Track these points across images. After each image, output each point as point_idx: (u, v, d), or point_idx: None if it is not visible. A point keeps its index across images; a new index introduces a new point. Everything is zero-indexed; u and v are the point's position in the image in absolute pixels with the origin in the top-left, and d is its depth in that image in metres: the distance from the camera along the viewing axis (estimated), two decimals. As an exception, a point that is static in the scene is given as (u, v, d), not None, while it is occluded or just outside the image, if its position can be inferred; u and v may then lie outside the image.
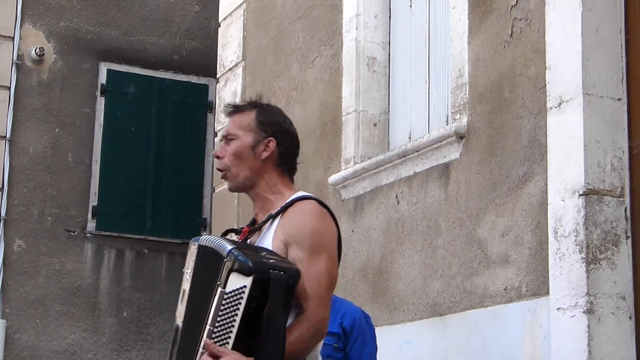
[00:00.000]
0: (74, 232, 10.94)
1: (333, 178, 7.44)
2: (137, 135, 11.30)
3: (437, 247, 6.41)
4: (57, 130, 11.01)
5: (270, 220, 3.37)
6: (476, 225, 6.12)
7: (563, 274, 5.31)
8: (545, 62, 5.63)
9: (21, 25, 11.02)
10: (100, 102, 11.25)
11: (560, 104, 5.46)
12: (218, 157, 3.49)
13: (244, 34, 8.96)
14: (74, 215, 10.95)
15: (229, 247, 3.16)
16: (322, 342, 3.33)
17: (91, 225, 10.99)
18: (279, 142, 3.50)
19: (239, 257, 3.10)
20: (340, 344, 5.46)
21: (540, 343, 5.55)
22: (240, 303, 3.07)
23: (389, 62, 7.52)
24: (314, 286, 3.24)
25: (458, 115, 6.39)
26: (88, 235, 10.96)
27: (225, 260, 3.13)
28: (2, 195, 10.66)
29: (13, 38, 10.94)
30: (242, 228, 3.48)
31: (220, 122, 9.10)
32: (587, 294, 5.17)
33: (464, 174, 6.28)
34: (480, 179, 6.15)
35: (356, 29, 7.49)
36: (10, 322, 10.47)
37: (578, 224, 5.26)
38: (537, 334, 5.59)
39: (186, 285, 3.30)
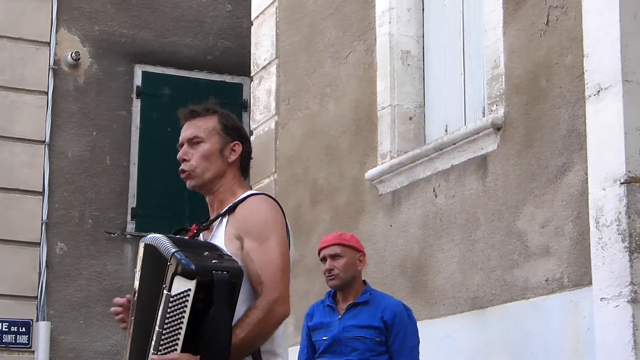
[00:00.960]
0: (114, 234, 11.00)
1: (369, 173, 7.41)
2: (173, 136, 11.23)
3: (476, 240, 6.38)
4: (94, 133, 11.07)
5: (220, 218, 3.47)
6: (515, 217, 6.08)
7: (606, 264, 5.26)
8: (582, 50, 5.57)
9: (57, 31, 11.09)
10: (136, 104, 11.29)
11: (598, 91, 5.40)
12: (184, 160, 3.60)
13: (276, 32, 8.96)
14: (113, 218, 11.01)
15: (172, 249, 3.21)
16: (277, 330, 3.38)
17: (130, 226, 11.04)
18: (243, 146, 3.62)
19: (182, 261, 3.15)
20: (381, 337, 5.46)
21: (583, 334, 5.51)
22: (186, 306, 3.12)
23: (423, 55, 7.48)
24: (266, 271, 3.31)
25: (494, 106, 6.35)
26: (128, 236, 11.02)
27: (168, 263, 3.18)
28: (43, 199, 10.73)
29: (49, 43, 11.01)
30: (189, 225, 3.57)
31: (256, 120, 9.11)
32: (631, 283, 5.12)
33: (502, 166, 6.24)
34: (518, 171, 6.10)
35: (389, 22, 7.46)
36: (54, 324, 10.55)
37: (620, 212, 5.21)
38: (580, 326, 5.54)
39: (136, 285, 3.39)
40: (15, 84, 10.80)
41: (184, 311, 3.12)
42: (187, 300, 3.12)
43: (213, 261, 3.21)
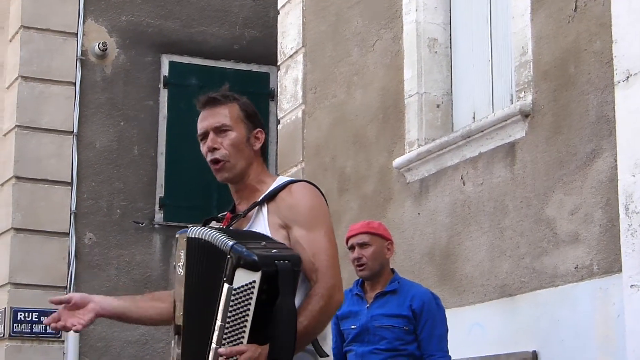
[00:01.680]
0: (142, 224, 11.04)
1: (397, 162, 7.40)
2: (201, 126, 11.34)
3: (505, 227, 6.36)
4: (122, 124, 11.11)
5: (257, 208, 3.42)
6: (544, 205, 6.06)
7: (635, 251, 5.23)
8: (611, 36, 5.54)
9: (84, 22, 11.12)
10: (164, 94, 11.32)
11: (628, 77, 5.37)
12: (215, 149, 3.51)
13: (303, 21, 8.95)
14: (141, 207, 11.05)
15: (230, 241, 3.18)
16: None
17: (159, 216, 11.08)
18: (264, 133, 3.58)
19: (244, 253, 3.12)
20: (410, 326, 5.45)
21: (613, 322, 5.48)
22: (251, 298, 3.10)
23: (450, 43, 7.46)
24: (319, 259, 3.29)
25: (522, 93, 6.32)
26: (156, 226, 11.05)
27: (228, 256, 3.14)
28: (72, 189, 10.79)
29: (76, 34, 11.05)
30: (224, 215, 3.52)
31: (283, 109, 9.11)
32: (661, 270, 5.09)
33: (530, 153, 6.22)
34: (546, 158, 6.08)
35: (416, 10, 7.44)
36: (83, 314, 10.59)
37: (649, 199, 5.18)
38: (609, 313, 5.52)
39: (179, 280, 3.32)
40: (43, 75, 10.85)
41: (249, 303, 3.10)
42: (252, 292, 3.09)
43: (273, 251, 3.18)
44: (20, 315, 10.32)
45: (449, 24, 7.47)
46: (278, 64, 9.35)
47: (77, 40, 11.04)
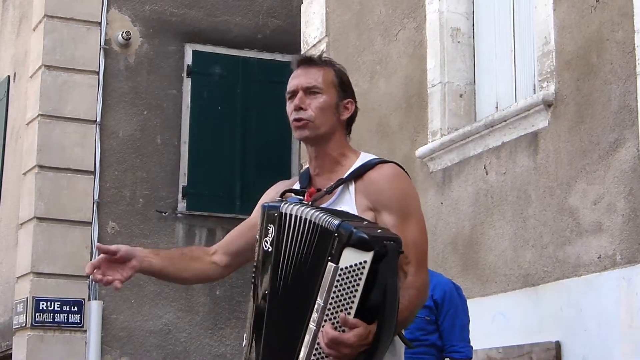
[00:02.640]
0: (165, 213, 11.07)
1: (420, 151, 7.41)
2: (223, 115, 11.38)
3: (528, 217, 6.35)
4: (145, 113, 11.13)
5: (343, 185, 3.29)
6: (567, 194, 6.05)
7: (658, 241, 5.22)
8: (633, 26, 5.52)
9: (107, 11, 11.15)
10: (187, 84, 11.34)
11: (650, 67, 5.35)
12: (300, 109, 3.37)
13: (326, 10, 8.95)
14: (164, 197, 11.08)
15: (335, 220, 3.03)
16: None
17: (182, 205, 11.10)
18: (355, 105, 3.43)
19: (355, 232, 2.98)
20: (432, 316, 5.45)
21: (637, 311, 5.48)
22: (360, 278, 2.97)
23: (473, 33, 7.45)
24: (412, 251, 3.19)
25: (545, 83, 6.31)
26: (179, 215, 11.08)
27: (335, 234, 3.00)
28: (95, 178, 10.82)
29: (100, 23, 11.08)
30: (303, 189, 3.38)
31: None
32: (684, 260, 5.08)
33: (553, 143, 6.21)
34: (569, 147, 6.07)
35: (439, 0, 7.43)
36: (106, 303, 10.64)
37: (672, 189, 5.17)
38: (633, 302, 5.51)
39: (265, 257, 3.18)
40: (66, 64, 10.89)
41: (358, 284, 2.97)
42: (362, 273, 2.96)
43: (378, 231, 3.06)
44: (43, 304, 10.35)
45: (472, 14, 7.46)
46: (301, 53, 9.36)
47: (100, 30, 11.07)
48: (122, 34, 11.07)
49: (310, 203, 3.24)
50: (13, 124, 11.69)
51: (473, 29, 7.45)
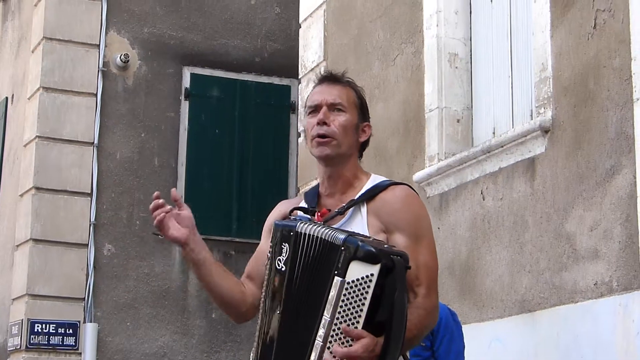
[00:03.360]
0: (162, 236, 11.00)
1: (417, 175, 7.41)
2: (221, 138, 11.40)
3: (525, 242, 6.35)
4: (142, 135, 11.15)
5: (354, 206, 3.27)
6: (564, 220, 6.05)
7: (654, 268, 5.22)
8: (630, 53, 5.53)
9: (106, 33, 11.19)
10: (185, 106, 11.36)
11: (647, 94, 5.36)
12: (325, 123, 3.35)
13: (324, 34, 8.98)
14: (161, 219, 11.05)
15: (342, 234, 3.04)
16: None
17: (178, 228, 11.08)
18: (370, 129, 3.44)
19: (361, 245, 2.98)
20: (427, 342, 5.44)
21: (633, 338, 5.47)
22: (367, 292, 2.97)
23: (471, 58, 7.46)
24: (423, 273, 3.20)
25: (542, 109, 6.33)
26: (176, 238, 11.05)
27: (341, 248, 3.00)
28: (92, 200, 10.82)
29: (98, 46, 11.11)
30: (313, 208, 3.34)
31: (304, 122, 9.12)
32: (680, 287, 5.08)
33: (550, 168, 6.21)
34: (566, 173, 6.07)
35: (437, 25, 7.46)
36: (102, 325, 10.62)
37: (669, 216, 5.17)
38: (629, 329, 5.50)
39: (278, 276, 3.14)
40: (65, 85, 10.91)
41: (365, 297, 2.97)
42: (368, 286, 2.96)
43: (385, 246, 3.06)
44: (38, 326, 10.33)
45: (470, 40, 7.48)
46: (299, 76, 9.38)
47: (99, 52, 11.10)
48: (120, 56, 11.10)
49: (322, 223, 3.21)
50: (10, 145, 11.70)
51: (471, 55, 7.47)
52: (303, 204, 3.41)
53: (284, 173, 11.39)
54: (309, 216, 3.30)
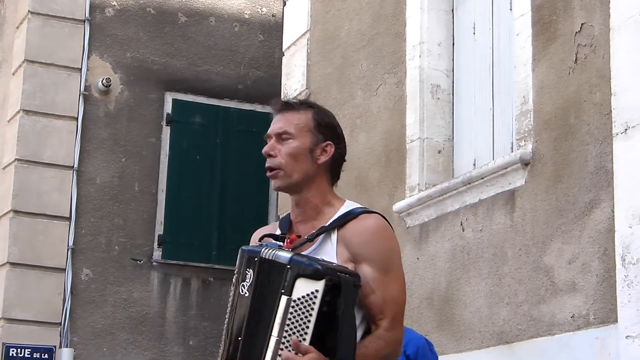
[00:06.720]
0: (140, 261, 11.02)
1: (398, 205, 7.42)
2: (202, 164, 11.39)
3: (504, 274, 6.37)
4: (123, 160, 11.13)
5: (325, 234, 3.21)
6: (542, 253, 6.08)
7: (632, 302, 5.24)
8: (610, 89, 5.58)
9: (88, 57, 11.18)
10: (166, 132, 11.36)
11: (626, 129, 5.41)
12: (270, 156, 3.26)
13: (307, 63, 9.00)
14: (140, 244, 11.04)
15: (288, 254, 3.03)
16: None
17: (157, 254, 11.07)
18: (336, 147, 3.30)
19: (305, 262, 2.98)
20: (405, 372, 5.44)
21: (609, 372, 5.48)
22: (312, 308, 2.95)
23: (453, 90, 7.50)
24: (389, 307, 3.16)
25: (523, 142, 6.36)
26: (154, 264, 11.04)
27: (287, 267, 2.99)
28: (70, 225, 10.78)
29: (80, 69, 11.10)
30: (283, 235, 3.29)
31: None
32: (657, 322, 5.10)
33: (530, 201, 6.24)
34: (546, 206, 6.10)
35: (420, 56, 7.49)
36: (78, 351, 10.56)
37: (646, 251, 5.20)
38: (606, 363, 5.52)
39: (241, 301, 3.13)
40: (46, 109, 10.89)
41: (310, 314, 2.95)
42: (314, 302, 2.95)
43: (334, 264, 3.04)
44: (13, 351, 10.25)
45: (452, 71, 7.52)
46: (281, 104, 9.38)
47: (81, 75, 11.09)
48: (102, 81, 11.10)
49: (290, 249, 3.17)
50: (-10, 167, 11.66)
51: (453, 86, 7.51)
52: (278, 232, 3.38)
53: (265, 200, 11.39)
54: (279, 243, 3.25)
